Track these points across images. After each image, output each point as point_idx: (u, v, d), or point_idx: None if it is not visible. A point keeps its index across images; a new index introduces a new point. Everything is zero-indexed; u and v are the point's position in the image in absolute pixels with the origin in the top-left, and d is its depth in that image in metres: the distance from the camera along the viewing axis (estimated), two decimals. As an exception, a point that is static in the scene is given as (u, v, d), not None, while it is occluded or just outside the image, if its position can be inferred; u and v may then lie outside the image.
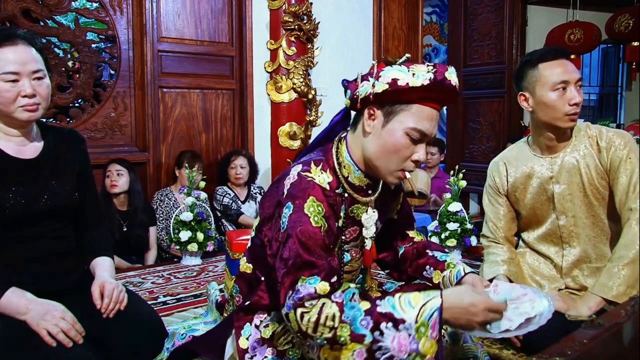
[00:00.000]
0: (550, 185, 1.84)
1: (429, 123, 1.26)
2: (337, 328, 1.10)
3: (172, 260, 3.26)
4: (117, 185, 3.09)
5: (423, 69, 1.22)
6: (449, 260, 1.49)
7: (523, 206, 1.92)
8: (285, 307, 1.16)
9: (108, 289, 1.50)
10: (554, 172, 1.83)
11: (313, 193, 1.24)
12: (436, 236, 3.18)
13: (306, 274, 1.16)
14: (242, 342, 1.37)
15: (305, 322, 1.12)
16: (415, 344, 1.08)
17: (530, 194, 1.89)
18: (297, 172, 1.28)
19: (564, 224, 1.83)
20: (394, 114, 1.26)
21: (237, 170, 3.61)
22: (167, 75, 3.73)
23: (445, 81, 1.22)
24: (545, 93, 1.75)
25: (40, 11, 3.31)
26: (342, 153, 1.36)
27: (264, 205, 1.37)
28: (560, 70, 1.74)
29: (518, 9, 5.05)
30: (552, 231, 1.87)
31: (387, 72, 1.24)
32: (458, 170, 3.25)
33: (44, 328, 1.33)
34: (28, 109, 1.42)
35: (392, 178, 1.32)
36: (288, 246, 1.19)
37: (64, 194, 1.54)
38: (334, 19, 4.21)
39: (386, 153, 1.28)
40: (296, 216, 1.21)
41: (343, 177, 1.34)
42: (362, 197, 1.38)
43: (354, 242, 1.42)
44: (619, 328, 0.87)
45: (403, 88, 1.21)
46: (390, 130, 1.26)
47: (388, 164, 1.29)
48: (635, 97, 6.39)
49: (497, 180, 1.98)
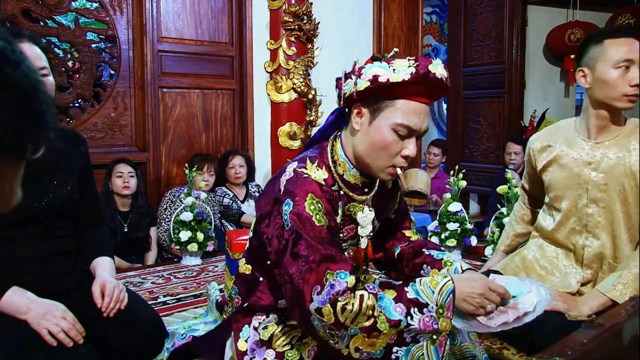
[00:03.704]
0: (587, 170, 1.78)
1: (416, 118, 1.25)
2: (377, 317, 1.17)
3: (172, 260, 3.26)
4: (129, 186, 3.09)
5: (404, 63, 1.21)
6: (446, 258, 1.48)
7: (554, 185, 1.87)
8: (315, 302, 1.16)
9: (108, 289, 1.50)
10: (595, 159, 1.77)
11: (311, 189, 1.25)
12: (436, 236, 3.18)
13: (332, 268, 1.17)
14: (240, 344, 1.37)
15: (347, 313, 1.15)
16: (436, 323, 1.19)
17: (562, 173, 1.84)
18: (292, 169, 1.29)
19: (592, 213, 1.78)
20: (380, 111, 1.26)
21: (235, 169, 3.61)
22: (167, 75, 3.73)
23: (429, 74, 1.21)
24: (606, 69, 1.69)
25: (40, 11, 3.31)
26: (337, 151, 1.36)
27: (260, 204, 1.37)
28: (626, 48, 1.67)
29: (518, 9, 5.05)
30: (578, 218, 1.81)
31: (368, 69, 1.24)
32: (458, 170, 3.25)
33: (44, 327, 1.33)
34: None
35: (384, 175, 1.32)
36: (302, 242, 1.20)
37: (65, 194, 1.54)
38: (334, 19, 4.21)
39: (375, 150, 1.28)
40: (299, 214, 1.21)
41: (338, 175, 1.34)
42: (358, 195, 1.38)
43: (350, 240, 1.42)
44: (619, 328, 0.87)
45: (384, 84, 1.21)
46: (377, 127, 1.26)
47: (377, 161, 1.29)
48: (635, 97, 6.38)
49: (532, 155, 1.96)
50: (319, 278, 1.16)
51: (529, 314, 1.25)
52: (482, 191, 5.18)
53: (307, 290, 1.16)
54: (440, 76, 1.23)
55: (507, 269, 1.93)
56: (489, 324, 1.24)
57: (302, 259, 1.19)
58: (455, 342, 1.41)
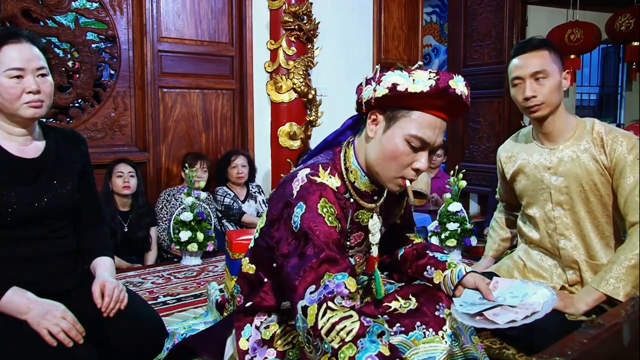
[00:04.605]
0: (547, 175, 1.84)
1: (431, 131, 1.24)
2: (346, 344, 1.07)
3: (172, 260, 3.26)
4: (130, 186, 3.09)
5: (424, 75, 1.20)
6: (450, 260, 1.49)
7: (523, 193, 1.94)
8: (304, 300, 1.14)
9: (108, 289, 1.50)
10: (553, 164, 1.83)
11: (325, 195, 1.24)
12: (436, 236, 3.18)
13: (332, 270, 1.15)
14: (242, 343, 1.37)
15: (325, 319, 1.10)
16: None
17: (527, 181, 1.90)
18: (305, 175, 1.28)
19: (559, 216, 1.84)
20: (395, 120, 1.25)
21: (238, 169, 3.62)
22: (167, 75, 3.73)
23: (448, 89, 1.20)
24: (511, 88, 1.85)
25: (40, 11, 3.31)
26: (349, 158, 1.35)
27: (271, 208, 1.35)
28: (512, 66, 1.80)
29: (518, 9, 5.05)
30: (548, 222, 1.87)
31: (389, 76, 1.23)
32: (458, 170, 3.25)
33: (44, 328, 1.33)
34: (32, 105, 1.43)
35: (392, 185, 1.30)
36: (308, 243, 1.19)
37: (65, 193, 1.54)
38: (334, 19, 4.21)
39: (385, 159, 1.27)
40: (310, 216, 1.21)
41: (350, 183, 1.33)
42: (367, 203, 1.37)
43: (357, 247, 1.42)
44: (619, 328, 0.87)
45: (402, 93, 1.20)
46: (390, 136, 1.25)
47: (387, 171, 1.28)
48: (635, 97, 6.39)
49: (501, 166, 2.04)
50: (316, 278, 1.15)
51: (536, 313, 1.26)
52: (482, 191, 5.18)
53: (302, 287, 1.15)
54: (460, 93, 1.22)
55: (500, 270, 1.96)
56: (497, 320, 1.24)
57: (307, 259, 1.18)
58: (457, 344, 1.41)
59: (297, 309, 1.15)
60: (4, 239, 1.45)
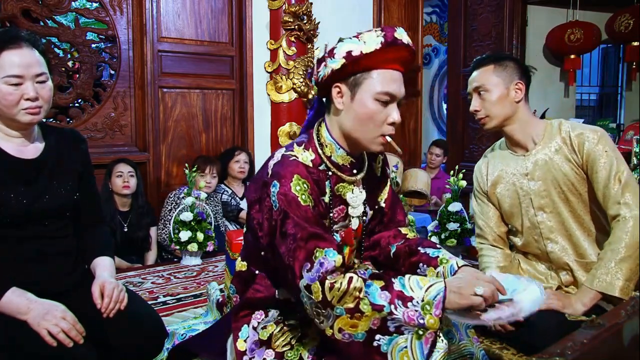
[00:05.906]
0: (526, 182, 1.86)
1: (394, 84, 1.33)
2: (361, 299, 1.20)
3: (172, 260, 3.26)
4: (129, 186, 3.09)
5: (372, 34, 1.30)
6: (442, 255, 1.47)
7: (503, 204, 1.95)
8: (305, 279, 1.21)
9: (108, 289, 1.50)
10: (528, 170, 1.86)
11: (297, 171, 1.31)
12: (436, 236, 3.18)
13: (321, 245, 1.22)
14: (240, 344, 1.37)
15: (334, 292, 1.19)
16: (422, 319, 1.19)
17: (507, 191, 1.92)
18: (280, 154, 1.35)
19: (542, 220, 1.85)
20: (359, 85, 1.33)
21: (240, 164, 3.63)
22: (167, 75, 3.73)
23: (397, 41, 1.30)
24: None
25: (40, 11, 3.31)
26: (322, 134, 1.41)
27: (250, 190, 1.42)
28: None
29: (518, 9, 5.04)
30: (531, 228, 1.89)
31: (340, 47, 1.31)
32: (458, 170, 3.25)
33: (44, 328, 1.33)
34: (30, 112, 1.42)
35: (375, 146, 1.37)
36: (289, 222, 1.25)
37: (64, 194, 1.54)
38: (334, 19, 4.20)
39: (361, 123, 1.34)
40: (285, 195, 1.26)
41: (326, 157, 1.39)
42: (348, 176, 1.43)
43: (342, 222, 1.44)
44: (619, 328, 0.87)
45: (359, 57, 1.28)
46: (359, 100, 1.33)
47: (366, 133, 1.35)
48: (635, 97, 6.38)
49: (480, 180, 2.04)
50: (307, 255, 1.21)
51: (521, 311, 1.26)
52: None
53: (297, 266, 1.21)
54: (407, 42, 1.32)
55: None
56: (484, 317, 1.25)
57: (290, 237, 1.24)
58: (454, 340, 1.40)
59: (300, 288, 1.22)
60: (4, 238, 1.45)
